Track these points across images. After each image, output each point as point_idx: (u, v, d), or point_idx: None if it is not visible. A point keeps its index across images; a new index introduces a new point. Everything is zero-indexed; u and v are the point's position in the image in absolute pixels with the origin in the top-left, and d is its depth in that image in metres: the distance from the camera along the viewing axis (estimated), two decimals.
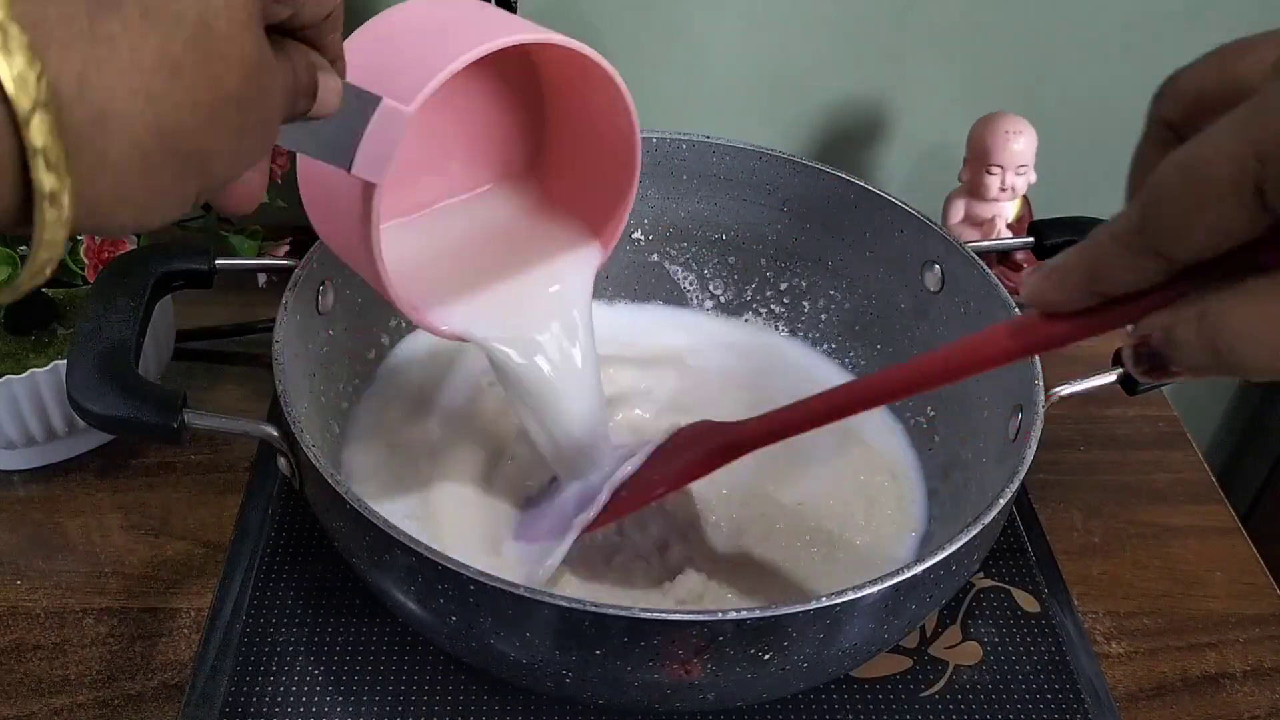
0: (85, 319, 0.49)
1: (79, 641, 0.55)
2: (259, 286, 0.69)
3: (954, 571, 0.47)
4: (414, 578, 0.45)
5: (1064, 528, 0.64)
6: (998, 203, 0.76)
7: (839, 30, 0.81)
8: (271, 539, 0.59)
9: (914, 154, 0.88)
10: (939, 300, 0.62)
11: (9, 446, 0.62)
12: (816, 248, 0.68)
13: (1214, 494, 0.68)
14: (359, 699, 0.52)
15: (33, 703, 0.52)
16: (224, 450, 0.65)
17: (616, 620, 0.42)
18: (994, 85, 0.84)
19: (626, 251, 0.70)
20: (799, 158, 0.66)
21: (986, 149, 0.74)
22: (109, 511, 0.62)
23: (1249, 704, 0.56)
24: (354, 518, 0.45)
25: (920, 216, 0.62)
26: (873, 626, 0.45)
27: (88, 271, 0.58)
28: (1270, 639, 0.59)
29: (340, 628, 0.55)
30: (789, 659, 0.44)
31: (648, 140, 0.66)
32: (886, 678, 0.54)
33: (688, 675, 0.44)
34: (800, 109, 0.85)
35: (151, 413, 0.46)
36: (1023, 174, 0.75)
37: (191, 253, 0.54)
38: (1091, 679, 0.55)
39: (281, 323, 0.53)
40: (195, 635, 0.55)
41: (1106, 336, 0.33)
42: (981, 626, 0.57)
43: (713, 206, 0.69)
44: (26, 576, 0.58)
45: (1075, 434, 0.71)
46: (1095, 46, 0.83)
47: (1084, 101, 0.86)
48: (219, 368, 0.71)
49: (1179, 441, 0.71)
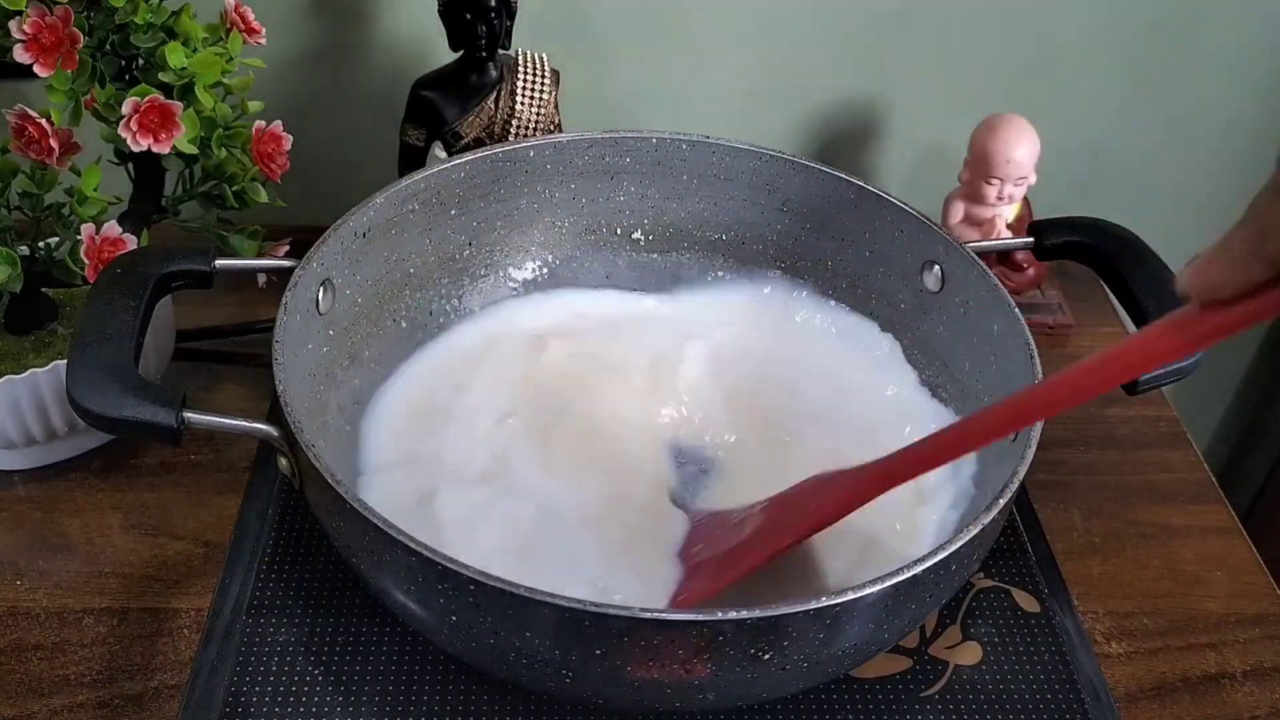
0: (85, 319, 0.49)
1: (79, 641, 0.55)
2: (259, 286, 0.69)
3: (954, 571, 0.47)
4: (414, 578, 0.45)
5: (1064, 528, 0.64)
6: (996, 207, 0.76)
7: (839, 30, 0.81)
8: (271, 539, 0.59)
9: (914, 154, 0.88)
10: (939, 300, 0.62)
11: (9, 446, 0.62)
12: (816, 248, 0.68)
13: (1214, 494, 0.68)
14: (359, 699, 0.52)
15: (33, 703, 0.52)
16: (224, 450, 0.65)
17: (616, 620, 0.42)
18: (994, 85, 0.84)
19: (626, 251, 0.70)
20: (799, 158, 0.66)
21: (987, 161, 0.74)
22: (109, 511, 0.62)
23: (1249, 704, 0.56)
24: (354, 518, 0.45)
25: (920, 216, 0.62)
26: (873, 626, 0.45)
27: (88, 271, 0.58)
28: (1270, 639, 0.59)
29: (340, 628, 0.55)
30: (789, 659, 0.44)
31: (647, 140, 0.67)
32: (886, 678, 0.54)
33: (688, 675, 0.44)
34: (800, 109, 0.85)
35: (151, 413, 0.46)
36: (1021, 185, 0.75)
37: (191, 253, 0.54)
38: (1091, 679, 0.55)
39: (281, 323, 0.52)
40: (195, 635, 0.55)
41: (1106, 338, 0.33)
42: (981, 626, 0.57)
43: (713, 206, 0.69)
44: (26, 576, 0.58)
45: (1075, 434, 0.71)
46: (1095, 47, 0.83)
47: (1084, 102, 0.86)
48: (219, 368, 0.71)
49: (1179, 441, 0.71)
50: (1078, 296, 0.80)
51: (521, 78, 0.69)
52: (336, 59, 0.81)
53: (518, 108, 0.69)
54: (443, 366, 0.64)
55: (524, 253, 0.69)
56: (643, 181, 0.68)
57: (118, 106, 0.56)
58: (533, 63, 0.69)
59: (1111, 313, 0.80)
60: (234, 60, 0.61)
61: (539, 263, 0.69)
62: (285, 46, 0.79)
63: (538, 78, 0.69)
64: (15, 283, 0.59)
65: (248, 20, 0.62)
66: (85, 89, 0.57)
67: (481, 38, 0.67)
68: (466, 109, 0.69)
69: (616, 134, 0.66)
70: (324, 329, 0.58)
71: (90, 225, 0.58)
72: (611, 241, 0.70)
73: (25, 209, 0.60)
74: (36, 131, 0.58)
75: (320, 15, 0.79)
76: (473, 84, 0.69)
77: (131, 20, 0.57)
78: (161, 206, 0.64)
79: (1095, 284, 0.78)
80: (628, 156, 0.67)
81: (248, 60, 0.62)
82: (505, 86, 0.69)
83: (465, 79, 0.69)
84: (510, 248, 0.68)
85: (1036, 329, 0.65)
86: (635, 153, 0.67)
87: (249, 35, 0.62)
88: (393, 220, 0.61)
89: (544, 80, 0.69)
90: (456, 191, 0.64)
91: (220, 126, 0.61)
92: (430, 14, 0.68)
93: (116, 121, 0.57)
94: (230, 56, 0.61)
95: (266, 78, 0.66)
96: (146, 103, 0.56)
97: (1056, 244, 0.61)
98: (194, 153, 0.59)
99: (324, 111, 0.83)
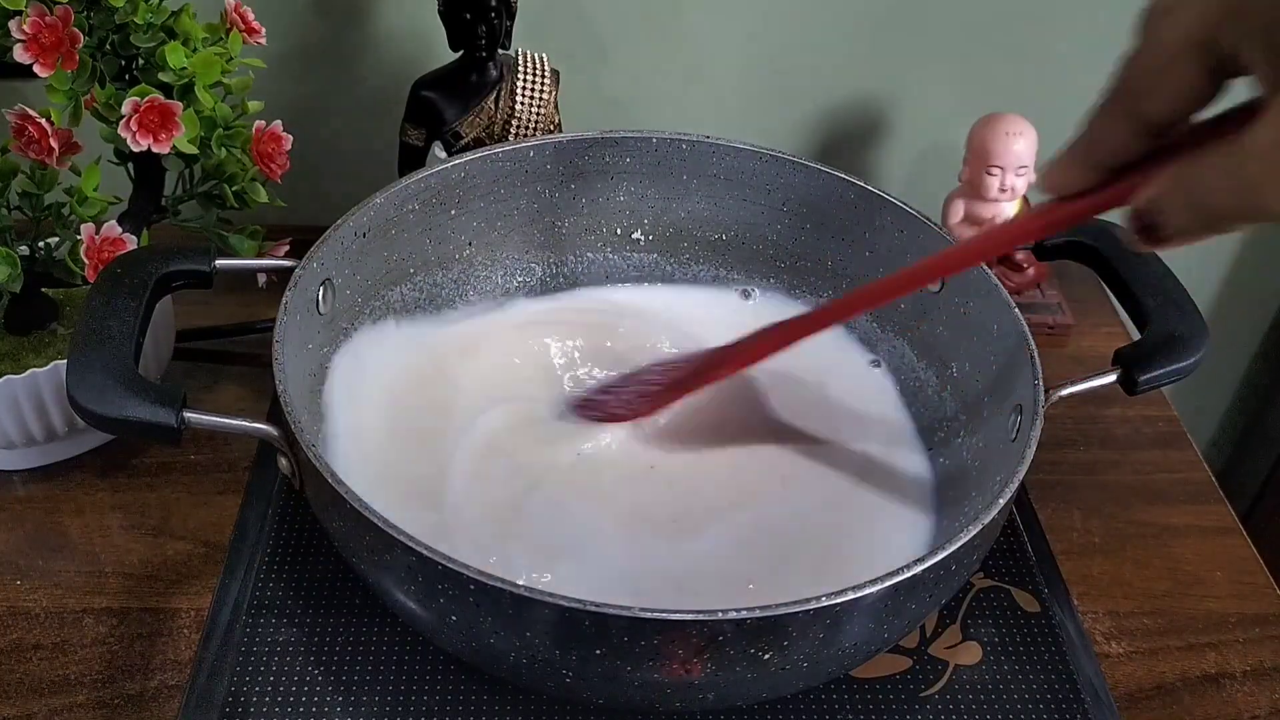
0: (85, 319, 0.49)
1: (79, 641, 0.55)
2: (259, 286, 0.69)
3: (954, 571, 0.47)
4: (414, 578, 0.45)
5: (1064, 528, 0.64)
6: (997, 203, 0.76)
7: (839, 30, 0.81)
8: (271, 539, 0.59)
9: (914, 154, 0.88)
10: (939, 300, 0.62)
11: (9, 446, 0.62)
12: (816, 248, 0.68)
13: (1214, 494, 0.68)
14: (359, 699, 0.52)
15: (33, 703, 0.52)
16: (224, 450, 0.65)
17: (616, 620, 0.42)
18: (994, 85, 0.84)
19: (626, 251, 0.70)
20: (799, 158, 0.66)
21: (987, 150, 0.74)
22: (109, 511, 0.62)
23: (1249, 704, 0.56)
24: (354, 518, 0.45)
25: (920, 216, 0.62)
26: (873, 626, 0.45)
27: (88, 271, 0.58)
28: (1270, 639, 0.59)
29: (340, 628, 0.55)
30: (789, 659, 0.44)
31: (647, 140, 0.67)
32: (886, 678, 0.54)
33: (688, 675, 0.44)
34: (800, 109, 0.85)
35: (151, 412, 0.46)
36: (1023, 175, 0.75)
37: (191, 253, 0.54)
38: (1091, 679, 0.55)
39: (281, 323, 0.52)
40: (195, 635, 0.55)
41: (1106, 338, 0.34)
42: (981, 626, 0.57)
43: (713, 206, 0.69)
44: (26, 576, 0.58)
45: (1075, 434, 0.71)
46: (1095, 47, 0.83)
47: (1084, 102, 0.86)
48: (219, 368, 0.71)
49: (1179, 441, 0.71)
50: (1078, 296, 0.80)
51: (521, 78, 0.69)
52: (336, 59, 0.81)
53: (518, 108, 0.69)
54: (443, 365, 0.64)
55: (524, 253, 0.69)
56: (643, 181, 0.68)
57: (118, 106, 0.56)
58: (533, 63, 0.69)
59: (1111, 313, 0.80)
60: (234, 60, 0.61)
61: (539, 263, 0.69)
62: (285, 46, 0.79)
63: (538, 78, 0.69)
64: (15, 283, 0.59)
65: (248, 20, 0.62)
66: (85, 89, 0.57)
67: (481, 37, 0.67)
68: (466, 109, 0.69)
69: (616, 134, 0.66)
70: (324, 329, 0.58)
71: (90, 225, 0.58)
72: (611, 241, 0.70)
73: (25, 209, 0.60)
74: (36, 131, 0.58)
75: (320, 15, 0.79)
76: (473, 84, 0.69)
77: (131, 20, 0.57)
78: (161, 206, 0.64)
79: (1095, 284, 0.78)
80: (628, 156, 0.67)
81: (248, 60, 0.62)
82: (505, 86, 0.69)
83: (465, 79, 0.69)
84: (510, 248, 0.68)
85: (1036, 329, 0.65)
86: (635, 153, 0.67)
87: (249, 35, 0.62)
88: (393, 220, 0.61)
89: (544, 80, 0.69)
90: (456, 191, 0.64)
91: (220, 126, 0.61)
92: (430, 14, 0.68)
93: (116, 121, 0.57)
94: (230, 56, 0.61)
95: (266, 78, 0.66)
96: (146, 103, 0.56)
97: (1056, 244, 0.61)
98: (194, 153, 0.59)
99: (324, 111, 0.83)
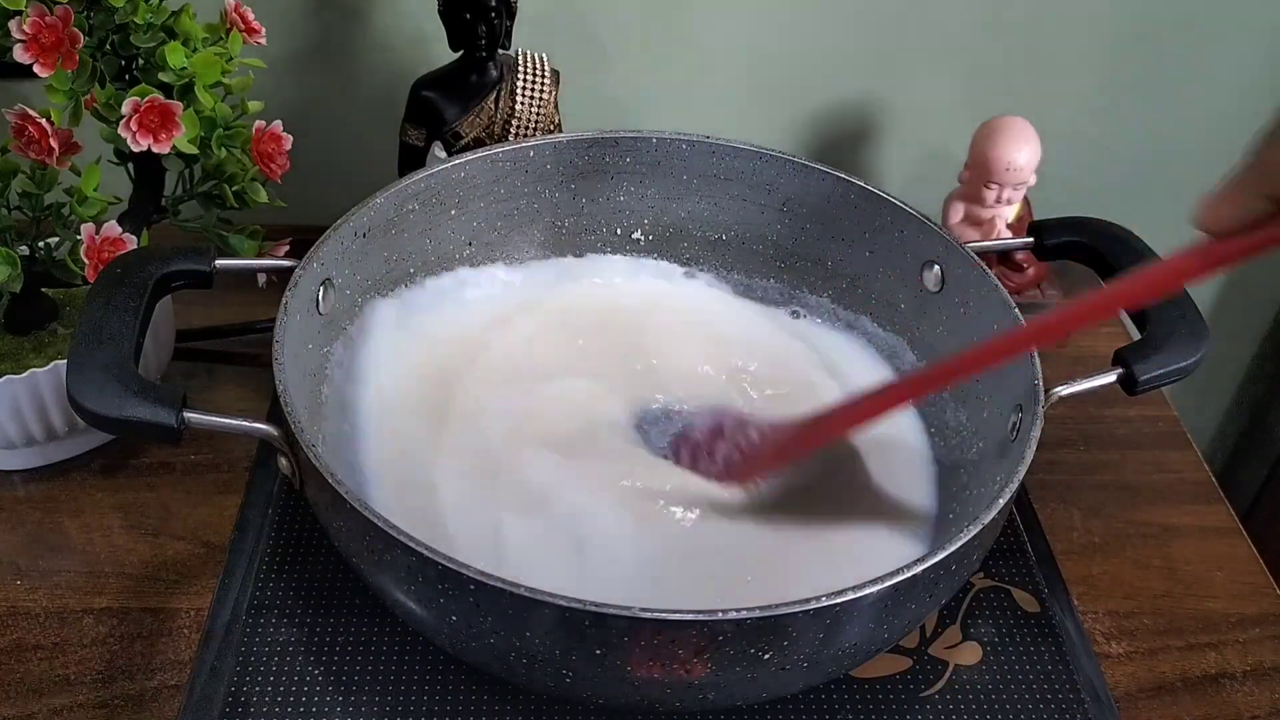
0: (85, 319, 0.49)
1: (79, 641, 0.55)
2: (259, 286, 0.69)
3: (954, 571, 0.47)
4: (414, 578, 0.45)
5: (1064, 528, 0.64)
6: (996, 208, 0.76)
7: (839, 31, 0.81)
8: (271, 539, 0.59)
9: (914, 154, 0.88)
10: (939, 300, 0.62)
11: (9, 446, 0.62)
12: (816, 248, 0.68)
13: (1214, 494, 0.68)
14: (359, 699, 0.52)
15: (33, 703, 0.52)
16: (224, 450, 0.65)
17: (616, 620, 0.42)
18: (994, 86, 0.84)
19: (627, 251, 0.70)
20: (799, 158, 0.66)
21: (987, 166, 0.74)
22: (109, 511, 0.62)
23: (1249, 704, 0.56)
24: (354, 518, 0.45)
25: (920, 216, 0.62)
26: (873, 626, 0.45)
27: (88, 271, 0.58)
28: (1270, 639, 0.59)
29: (340, 628, 0.55)
30: (789, 659, 0.44)
31: (647, 140, 0.67)
32: (886, 678, 0.54)
33: (688, 675, 0.44)
34: (800, 109, 0.85)
35: (151, 412, 0.46)
36: (1020, 188, 0.75)
37: (191, 253, 0.54)
38: (1091, 679, 0.55)
39: (281, 323, 0.52)
40: (195, 635, 0.55)
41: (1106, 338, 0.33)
42: (981, 626, 0.57)
43: (713, 206, 0.69)
44: (26, 576, 0.58)
45: (1075, 434, 0.71)
46: (1095, 48, 0.83)
47: (1084, 103, 0.86)
48: (219, 368, 0.71)
49: (1179, 441, 0.71)
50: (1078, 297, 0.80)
51: (521, 78, 0.69)
52: (336, 59, 0.81)
53: (518, 108, 0.69)
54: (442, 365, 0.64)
55: (524, 253, 0.69)
56: (643, 181, 0.68)
57: (118, 106, 0.56)
58: (533, 63, 0.69)
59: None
60: (234, 60, 0.61)
61: (539, 263, 0.69)
62: (285, 46, 0.79)
63: (538, 78, 0.69)
64: (15, 283, 0.59)
65: (248, 20, 0.62)
66: (85, 89, 0.57)
67: (481, 38, 0.67)
68: (466, 109, 0.69)
69: (616, 134, 0.66)
70: (324, 329, 0.58)
71: (90, 225, 0.58)
72: (611, 241, 0.70)
73: (25, 209, 0.60)
74: (36, 131, 0.58)
75: (320, 15, 0.79)
76: (473, 84, 0.69)
77: (131, 20, 0.57)
78: (161, 206, 0.64)
79: (1095, 284, 0.78)
80: (628, 156, 0.67)
81: (247, 60, 0.62)
82: (505, 86, 0.69)
83: (465, 79, 0.69)
84: (510, 248, 0.68)
85: None
86: (635, 153, 0.67)
87: (249, 35, 0.62)
88: (393, 220, 0.61)
89: (544, 80, 0.69)
90: (456, 191, 0.64)
91: (220, 126, 0.61)
92: (430, 14, 0.68)
93: (116, 121, 0.57)
94: (230, 56, 0.61)
95: (266, 78, 0.66)
96: (146, 103, 0.56)
97: (1056, 244, 0.61)
98: (194, 153, 0.59)
99: (324, 111, 0.83)
